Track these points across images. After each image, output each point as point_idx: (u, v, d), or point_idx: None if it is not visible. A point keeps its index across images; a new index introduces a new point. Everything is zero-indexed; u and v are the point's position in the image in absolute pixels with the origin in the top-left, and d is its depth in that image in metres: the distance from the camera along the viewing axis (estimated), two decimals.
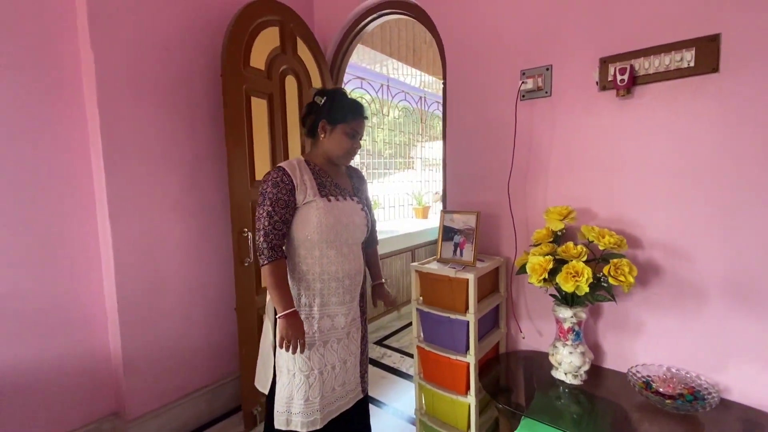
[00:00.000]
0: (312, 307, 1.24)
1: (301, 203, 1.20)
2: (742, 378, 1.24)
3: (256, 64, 1.85)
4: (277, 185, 1.17)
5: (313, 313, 1.23)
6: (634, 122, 1.37)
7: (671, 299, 1.34)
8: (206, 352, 1.93)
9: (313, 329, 1.23)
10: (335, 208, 1.23)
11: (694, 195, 1.28)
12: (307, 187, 1.21)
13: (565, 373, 1.39)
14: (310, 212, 1.20)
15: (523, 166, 1.62)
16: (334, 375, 1.27)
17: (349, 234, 1.27)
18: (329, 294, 1.25)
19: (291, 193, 1.18)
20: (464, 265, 1.57)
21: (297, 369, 1.22)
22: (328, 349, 1.26)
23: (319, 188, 1.23)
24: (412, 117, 4.70)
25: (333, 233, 1.22)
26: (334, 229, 1.22)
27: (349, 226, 1.27)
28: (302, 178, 1.21)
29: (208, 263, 1.91)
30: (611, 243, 1.26)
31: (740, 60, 1.18)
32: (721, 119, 1.22)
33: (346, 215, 1.26)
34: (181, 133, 1.79)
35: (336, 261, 1.25)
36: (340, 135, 1.25)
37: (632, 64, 1.33)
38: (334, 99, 1.27)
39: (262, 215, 1.17)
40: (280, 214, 1.17)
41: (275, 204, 1.16)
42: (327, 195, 1.24)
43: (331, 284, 1.25)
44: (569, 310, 1.35)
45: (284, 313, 1.14)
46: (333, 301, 1.26)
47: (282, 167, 1.20)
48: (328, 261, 1.23)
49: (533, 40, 1.56)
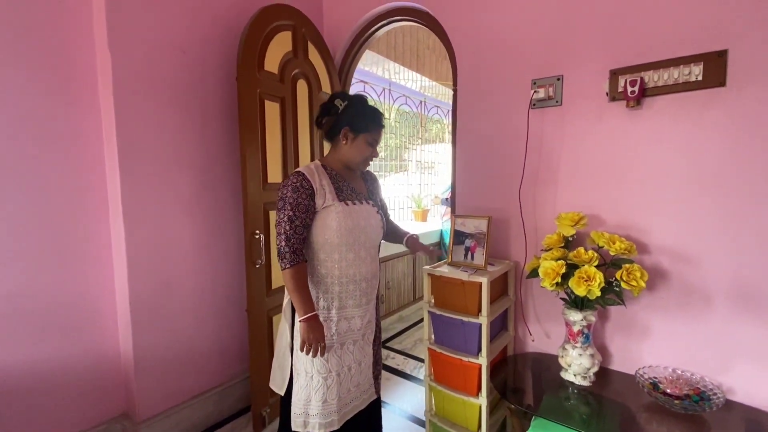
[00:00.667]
0: (330, 310, 1.25)
1: (321, 207, 1.22)
2: (746, 379, 1.29)
3: (269, 68, 1.87)
4: (297, 190, 1.19)
5: (331, 316, 1.25)
6: (643, 132, 1.42)
7: (677, 303, 1.39)
8: (216, 352, 1.93)
9: (331, 332, 1.25)
10: (353, 212, 1.26)
11: (701, 203, 1.33)
12: (326, 192, 1.23)
13: (575, 374, 1.43)
14: (329, 216, 1.22)
15: (534, 173, 1.66)
16: (350, 376, 1.29)
17: (367, 237, 1.30)
18: (347, 297, 1.27)
19: (311, 197, 1.20)
20: (476, 268, 1.60)
21: (315, 371, 1.23)
22: (345, 351, 1.28)
23: (337, 193, 1.25)
24: (409, 121, 4.74)
25: (352, 237, 1.25)
26: (353, 232, 1.25)
27: (367, 229, 1.29)
28: (321, 183, 1.23)
29: (219, 264, 1.92)
30: (622, 249, 1.31)
31: (747, 75, 1.24)
32: (728, 131, 1.28)
33: (364, 218, 1.29)
34: (195, 135, 1.80)
35: (354, 264, 1.27)
36: (361, 144, 1.28)
37: (642, 76, 1.38)
38: (357, 106, 1.28)
39: (283, 219, 1.18)
40: (301, 218, 1.19)
41: (296, 208, 1.18)
42: (345, 199, 1.26)
43: (349, 287, 1.27)
44: (579, 313, 1.39)
45: (306, 317, 1.16)
46: (350, 304, 1.28)
47: (301, 172, 1.22)
48: (347, 264, 1.26)
49: (544, 50, 1.61)
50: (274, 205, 1.83)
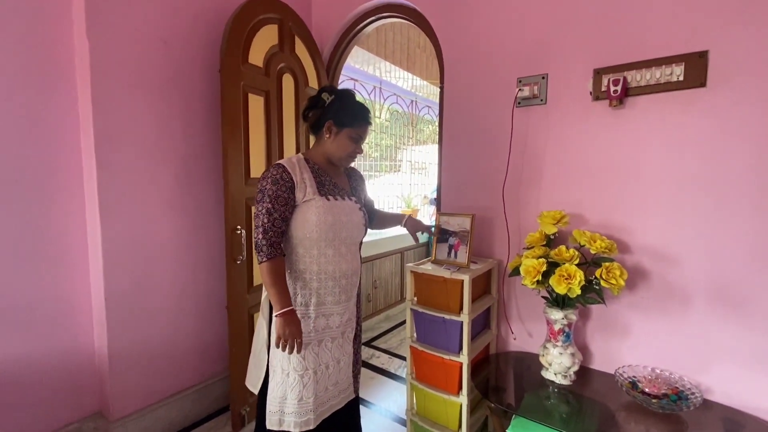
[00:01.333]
0: (308, 306, 1.23)
1: (301, 201, 1.20)
2: (724, 379, 1.30)
3: (254, 61, 1.84)
4: (277, 182, 1.17)
5: (309, 312, 1.23)
6: (625, 132, 1.42)
7: (657, 303, 1.40)
8: (195, 351, 1.90)
9: (309, 328, 1.22)
10: (334, 207, 1.23)
11: (681, 203, 1.34)
12: (307, 185, 1.20)
13: (555, 373, 1.43)
14: (309, 210, 1.20)
15: (518, 172, 1.66)
16: (327, 374, 1.27)
17: (348, 233, 1.27)
18: (325, 293, 1.25)
19: (291, 190, 1.18)
20: (458, 266, 1.59)
21: (291, 368, 1.21)
22: (322, 348, 1.26)
23: (318, 187, 1.23)
24: (401, 120, 4.73)
25: (332, 232, 1.22)
26: (333, 228, 1.22)
27: (348, 225, 1.27)
28: (302, 176, 1.21)
29: (199, 260, 1.88)
30: (602, 247, 1.31)
31: (726, 76, 1.24)
32: (708, 131, 1.28)
33: (345, 214, 1.26)
34: (177, 128, 1.77)
35: (333, 260, 1.24)
36: (344, 138, 1.25)
37: (625, 76, 1.38)
38: (343, 100, 1.26)
39: (261, 212, 1.16)
40: (280, 211, 1.17)
41: (275, 201, 1.16)
42: (326, 194, 1.24)
43: (327, 283, 1.24)
44: (560, 311, 1.39)
45: (282, 311, 1.13)
46: (329, 301, 1.25)
47: (281, 164, 1.20)
48: (326, 260, 1.23)
49: (530, 48, 1.61)
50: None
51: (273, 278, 1.15)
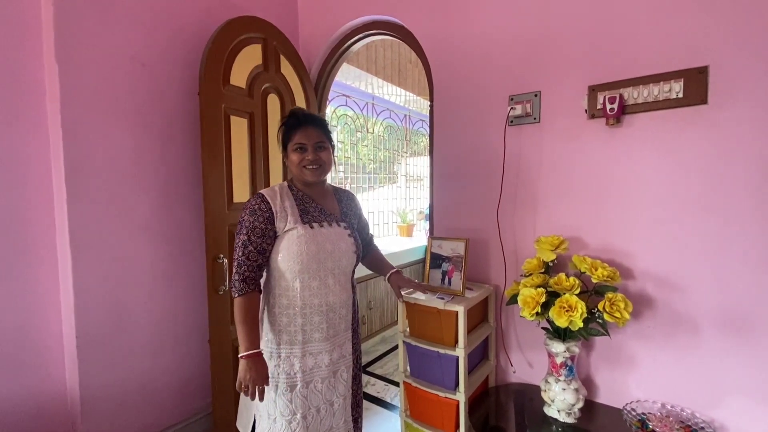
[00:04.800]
0: (293, 345, 1.14)
1: (282, 231, 1.13)
2: (738, 414, 1.21)
3: (236, 82, 1.77)
4: (254, 213, 1.11)
5: (294, 352, 1.14)
6: (623, 151, 1.35)
7: (664, 332, 1.31)
8: (176, 387, 1.78)
9: (294, 369, 1.13)
10: (318, 236, 1.16)
11: (685, 225, 1.26)
12: (288, 214, 1.14)
13: (558, 410, 1.33)
14: (290, 240, 1.13)
15: (512, 193, 1.58)
16: (319, 419, 1.16)
17: (335, 263, 1.19)
18: (312, 330, 1.15)
19: (269, 221, 1.12)
20: (453, 294, 1.50)
21: (278, 413, 1.12)
22: (311, 391, 1.15)
23: (301, 214, 1.16)
24: (396, 134, 4.69)
25: (315, 262, 1.14)
26: (317, 257, 1.14)
27: (334, 253, 1.18)
28: (283, 205, 1.14)
29: (179, 291, 1.78)
30: (604, 276, 1.22)
31: (728, 92, 1.18)
32: (711, 150, 1.22)
33: (331, 242, 1.18)
34: (155, 153, 1.69)
35: (319, 293, 1.16)
36: (291, 154, 1.19)
37: (621, 93, 1.32)
38: (281, 124, 1.23)
39: (237, 245, 1.11)
40: (255, 243, 1.10)
41: (251, 233, 1.10)
42: (310, 221, 1.17)
43: (313, 319, 1.15)
44: (562, 344, 1.30)
45: (246, 354, 1.05)
46: (316, 338, 1.16)
47: (261, 194, 1.15)
48: (310, 293, 1.15)
49: (522, 65, 1.55)
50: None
51: (242, 315, 1.08)
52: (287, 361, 1.13)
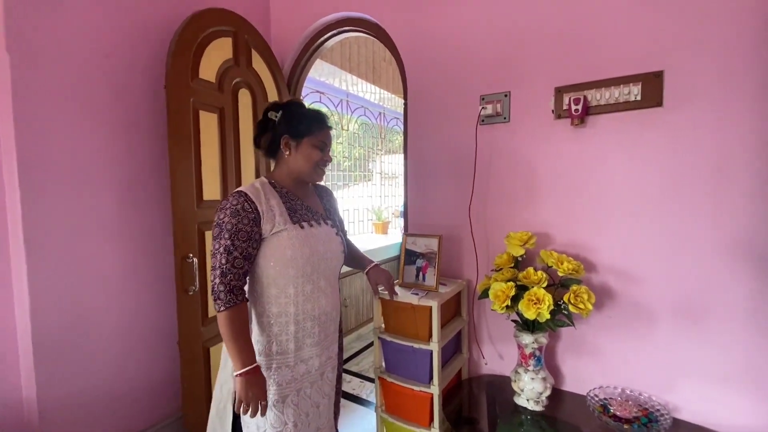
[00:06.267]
0: (286, 354, 1.07)
1: (269, 233, 1.04)
2: (691, 397, 1.30)
3: (205, 76, 1.72)
4: (238, 214, 1.00)
5: (287, 361, 1.07)
6: (587, 151, 1.41)
7: (624, 321, 1.39)
8: (144, 392, 1.72)
9: (286, 379, 1.07)
10: (310, 237, 1.09)
11: (643, 222, 1.34)
12: (276, 214, 1.05)
13: (527, 399, 1.38)
14: (281, 243, 1.04)
15: (484, 190, 1.63)
16: (308, 423, 1.11)
17: (327, 265, 1.13)
18: (304, 336, 1.09)
19: (255, 222, 1.02)
20: (427, 290, 1.53)
21: (269, 425, 1.05)
22: (302, 398, 1.10)
23: (289, 213, 1.07)
24: (371, 132, 4.69)
25: (310, 266, 1.07)
26: (311, 260, 1.07)
27: (327, 255, 1.12)
28: (268, 204, 1.05)
29: (147, 293, 1.72)
30: (570, 269, 1.28)
31: (682, 96, 1.26)
32: (666, 150, 1.29)
33: (323, 243, 1.12)
34: (119, 149, 1.61)
35: (312, 297, 1.10)
36: (308, 149, 1.10)
37: (585, 94, 1.38)
38: (292, 111, 1.12)
39: (218, 251, 0.99)
40: (241, 248, 0.99)
41: (235, 237, 0.99)
42: (299, 221, 1.08)
43: (306, 324, 1.09)
44: (531, 336, 1.35)
45: (245, 371, 0.97)
46: (308, 343, 1.10)
47: (243, 192, 1.03)
48: (304, 298, 1.08)
49: (492, 66, 1.59)
50: (210, 225, 1.67)
51: (234, 330, 0.98)
52: (278, 372, 1.06)
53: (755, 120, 1.17)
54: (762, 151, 1.16)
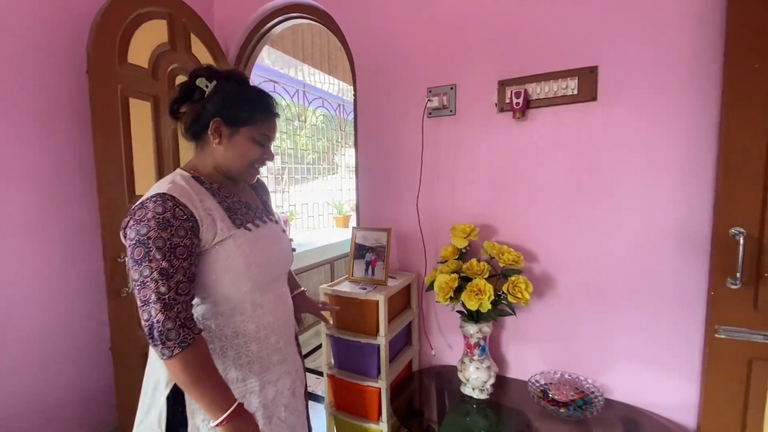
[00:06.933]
0: (247, 380, 0.88)
1: (210, 244, 0.81)
2: (623, 379, 1.37)
3: (136, 61, 1.59)
4: (169, 225, 0.75)
5: (249, 386, 0.88)
6: (528, 144, 1.44)
7: (564, 309, 1.44)
8: (75, 403, 1.59)
9: (252, 407, 0.87)
10: (261, 239, 0.90)
11: (580, 211, 1.39)
12: (216, 219, 0.82)
13: (473, 388, 1.41)
14: (228, 253, 0.83)
15: (431, 183, 1.62)
16: None
17: (281, 269, 0.97)
18: (269, 353, 0.91)
19: (193, 233, 0.78)
20: (376, 284, 1.51)
21: None
22: (275, 425, 0.92)
23: (230, 215, 0.86)
24: (333, 123, 4.60)
25: (265, 275, 0.89)
26: (267, 268, 0.90)
27: (280, 258, 0.96)
28: (204, 207, 0.82)
29: (74, 296, 1.59)
30: (510, 260, 1.31)
31: (614, 90, 1.31)
32: (599, 143, 1.34)
33: (273, 245, 0.94)
34: (35, 141, 1.46)
35: (272, 308, 0.92)
36: (245, 142, 0.88)
37: (526, 88, 1.40)
38: (230, 89, 0.88)
39: (150, 278, 0.73)
40: (183, 269, 0.76)
41: (172, 256, 0.74)
42: (244, 223, 0.88)
43: (270, 341, 0.91)
44: (475, 326, 1.37)
45: (227, 415, 0.75)
46: (275, 361, 0.92)
47: (168, 195, 0.77)
48: (263, 311, 0.90)
49: (439, 58, 1.58)
50: None
51: (198, 372, 0.75)
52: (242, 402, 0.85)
53: (682, 114, 1.22)
54: (688, 143, 1.22)
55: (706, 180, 1.20)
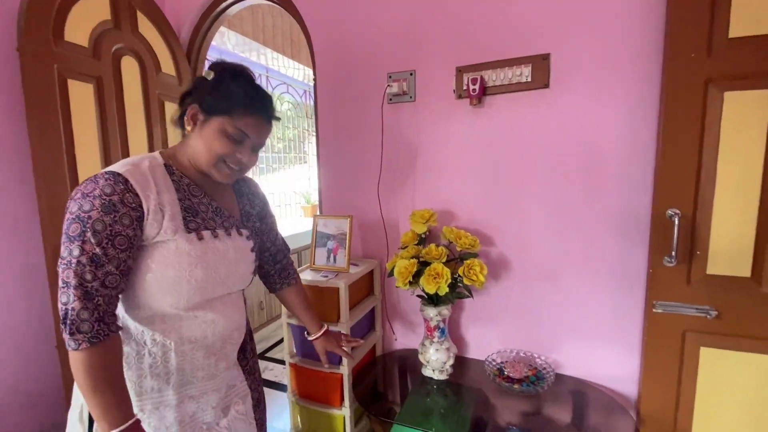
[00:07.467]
0: (163, 391, 0.81)
1: (150, 241, 0.75)
2: (573, 354, 1.45)
3: (74, 39, 1.48)
4: (114, 209, 0.69)
5: (165, 399, 0.81)
6: (485, 131, 1.47)
7: (518, 289, 1.49)
8: (17, 403, 1.50)
9: (167, 422, 0.81)
10: (209, 252, 0.80)
11: (532, 197, 1.43)
12: (165, 216, 0.75)
13: (433, 369, 1.44)
14: (163, 258, 0.75)
15: (392, 170, 1.63)
16: None
17: (226, 288, 0.87)
18: (193, 368, 0.83)
19: (137, 223, 0.72)
20: (337, 272, 1.51)
21: None
22: None
23: (185, 216, 0.79)
24: (300, 110, 4.49)
25: (199, 294, 0.80)
26: (202, 287, 0.80)
27: (229, 278, 0.86)
28: (159, 200, 0.75)
29: (13, 292, 1.48)
30: (467, 244, 1.34)
31: (565, 78, 1.34)
32: (551, 131, 1.38)
33: (226, 264, 0.84)
34: None
35: (204, 322, 0.83)
36: (213, 133, 0.79)
37: (482, 75, 1.42)
38: (223, 76, 0.82)
39: (77, 260, 0.67)
40: (118, 260, 0.70)
41: (109, 244, 0.68)
42: (198, 228, 0.80)
43: (195, 355, 0.82)
44: (434, 309, 1.39)
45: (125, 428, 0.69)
46: (199, 377, 0.84)
47: (122, 177, 0.71)
48: (190, 325, 0.81)
49: (398, 43, 1.56)
50: None
51: (100, 375, 0.68)
52: (155, 415, 0.81)
53: (628, 102, 1.27)
54: (633, 130, 1.28)
55: (649, 165, 1.27)
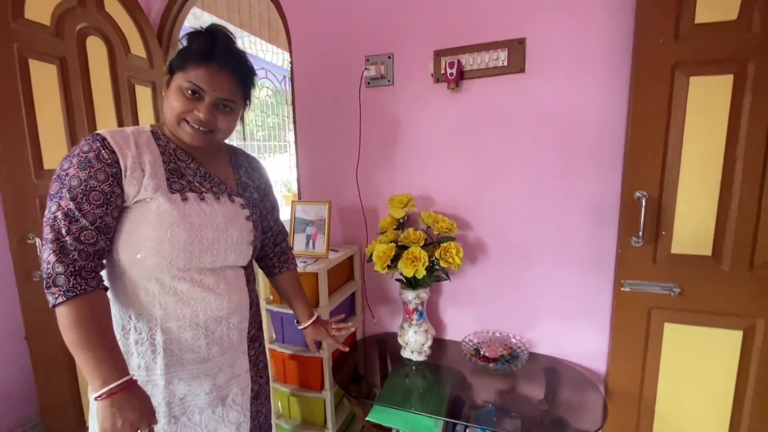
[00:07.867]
0: (151, 370, 0.80)
1: (132, 200, 0.75)
2: (546, 333, 1.49)
3: (35, 17, 1.41)
4: (89, 165, 0.71)
5: (153, 379, 0.80)
6: (463, 114, 1.47)
7: (495, 271, 1.53)
8: None
9: (156, 400, 0.80)
10: (192, 214, 0.79)
11: (507, 180, 1.45)
12: (145, 173, 0.76)
13: (412, 351, 1.47)
14: (144, 217, 0.75)
15: (370, 154, 1.62)
16: None
17: (216, 256, 0.83)
18: (181, 350, 0.81)
19: (114, 179, 0.73)
20: (316, 257, 1.50)
21: None
22: (182, 425, 0.83)
23: (169, 177, 0.79)
24: (280, 97, 4.41)
25: (184, 256, 0.78)
26: (186, 249, 0.78)
27: (218, 243, 0.83)
28: (138, 158, 0.76)
29: None
30: (444, 228, 1.35)
31: (540, 62, 1.36)
32: (527, 114, 1.40)
33: (214, 226, 0.82)
34: None
35: (192, 298, 0.80)
36: (172, 92, 0.78)
37: (459, 59, 1.42)
38: (189, 37, 0.80)
39: (53, 215, 0.69)
40: (93, 215, 0.71)
41: (83, 199, 0.70)
42: (182, 189, 0.80)
43: (184, 335, 0.80)
44: (413, 292, 1.41)
45: (109, 389, 0.67)
46: (189, 359, 0.82)
47: (100, 135, 0.74)
48: (177, 300, 0.79)
49: (376, 26, 1.54)
50: None
51: (85, 330, 0.67)
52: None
53: (601, 86, 1.29)
54: (605, 114, 1.30)
55: (619, 148, 1.30)
